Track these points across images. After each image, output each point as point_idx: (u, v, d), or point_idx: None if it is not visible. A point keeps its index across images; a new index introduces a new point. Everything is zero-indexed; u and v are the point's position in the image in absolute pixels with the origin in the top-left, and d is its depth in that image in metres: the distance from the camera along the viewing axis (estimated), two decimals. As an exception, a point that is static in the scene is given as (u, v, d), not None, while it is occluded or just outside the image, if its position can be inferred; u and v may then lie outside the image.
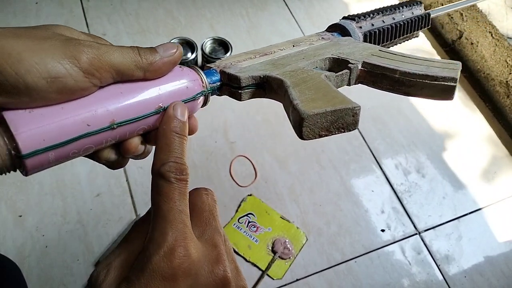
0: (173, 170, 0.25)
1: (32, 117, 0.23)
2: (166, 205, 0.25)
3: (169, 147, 0.26)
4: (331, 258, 0.92)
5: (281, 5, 1.34)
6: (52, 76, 0.23)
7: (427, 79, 0.30)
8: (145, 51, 0.26)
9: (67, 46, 0.24)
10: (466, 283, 0.93)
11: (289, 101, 0.27)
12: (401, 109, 1.17)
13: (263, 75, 0.30)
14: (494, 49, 1.20)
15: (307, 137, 0.26)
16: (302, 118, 0.25)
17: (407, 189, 1.04)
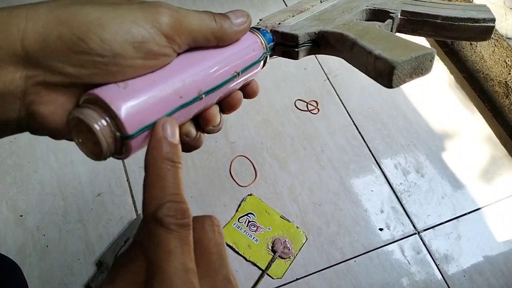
0: (173, 214, 0.20)
1: (128, 93, 0.22)
2: (168, 262, 0.20)
3: (163, 180, 0.21)
4: (330, 258, 0.92)
5: (281, 6, 1.34)
6: (137, 40, 0.21)
7: (469, 22, 0.31)
8: (219, 18, 0.25)
9: (146, 9, 0.22)
10: (465, 282, 0.94)
11: (366, 52, 0.26)
12: (401, 109, 1.17)
13: (318, 30, 0.29)
14: (493, 49, 1.21)
15: (396, 84, 0.26)
16: (393, 66, 0.25)
17: (406, 188, 1.04)
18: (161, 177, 0.21)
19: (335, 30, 0.29)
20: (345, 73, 1.22)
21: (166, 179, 0.21)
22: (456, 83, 1.26)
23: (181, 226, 0.21)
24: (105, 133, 0.21)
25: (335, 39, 0.29)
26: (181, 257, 0.20)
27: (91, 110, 0.21)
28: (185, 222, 0.21)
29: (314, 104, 1.14)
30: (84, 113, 0.21)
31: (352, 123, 1.13)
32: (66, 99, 0.22)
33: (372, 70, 0.27)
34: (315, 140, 1.08)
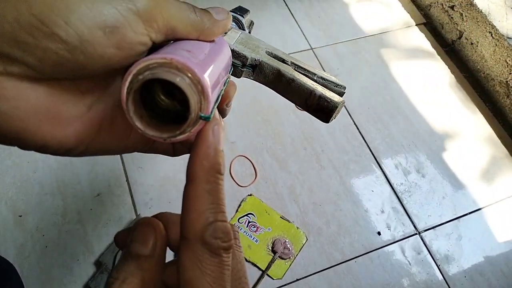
0: (220, 236, 0.19)
1: (203, 67, 0.19)
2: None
3: (211, 196, 0.19)
4: (331, 258, 0.92)
5: (281, 5, 1.34)
6: (110, 24, 0.18)
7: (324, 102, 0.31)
8: (200, 11, 0.23)
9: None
10: (466, 283, 0.93)
11: (308, 90, 0.29)
12: (401, 109, 1.17)
13: (258, 58, 0.30)
14: (494, 49, 1.20)
15: (332, 120, 0.29)
16: (336, 106, 0.28)
17: (407, 189, 1.04)
18: (208, 192, 0.19)
19: (271, 63, 0.30)
20: (345, 73, 1.21)
21: (213, 194, 0.19)
22: (457, 83, 1.25)
23: (226, 250, 0.19)
24: (196, 108, 0.19)
25: (271, 71, 0.30)
26: (222, 285, 0.19)
27: (181, 77, 0.18)
28: (230, 245, 0.19)
29: (314, 104, 1.13)
30: (177, 78, 0.18)
31: (353, 123, 1.12)
32: (36, 96, 0.19)
33: (314, 106, 0.29)
34: (315, 140, 1.08)
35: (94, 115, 0.22)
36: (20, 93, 0.18)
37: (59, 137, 0.21)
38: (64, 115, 0.20)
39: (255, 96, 1.12)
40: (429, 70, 1.27)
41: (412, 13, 1.40)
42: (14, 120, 0.18)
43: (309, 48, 1.25)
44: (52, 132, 0.20)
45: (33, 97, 0.19)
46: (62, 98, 0.20)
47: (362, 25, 1.33)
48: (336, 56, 1.24)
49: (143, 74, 0.18)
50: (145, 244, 0.20)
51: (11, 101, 0.18)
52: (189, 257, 0.19)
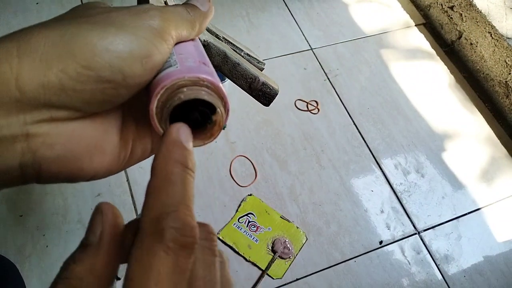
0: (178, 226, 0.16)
1: (215, 75, 0.22)
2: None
3: (172, 185, 0.17)
4: (330, 258, 0.92)
5: (281, 6, 1.34)
6: (144, 55, 0.19)
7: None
8: (191, 9, 0.23)
9: (139, 16, 0.20)
10: (465, 282, 0.93)
11: (253, 76, 0.31)
12: (401, 109, 1.17)
13: (207, 40, 0.30)
14: (493, 49, 1.21)
15: (270, 104, 0.32)
16: (277, 93, 0.31)
17: (406, 189, 1.04)
18: (171, 182, 0.18)
19: (217, 44, 0.31)
20: (345, 73, 1.22)
21: (176, 185, 0.17)
22: (456, 83, 1.26)
23: (183, 247, 0.16)
24: (221, 124, 0.22)
25: (217, 53, 0.31)
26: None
27: (212, 96, 0.21)
28: (189, 242, 0.16)
29: (314, 104, 1.14)
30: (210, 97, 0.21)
31: (352, 123, 1.12)
32: (85, 133, 0.20)
33: (257, 91, 0.32)
34: (315, 140, 1.08)
35: (126, 135, 0.24)
36: (71, 135, 0.19)
37: (106, 165, 0.22)
38: (107, 143, 0.22)
39: (255, 96, 1.12)
40: (428, 70, 1.27)
41: (411, 14, 1.40)
42: (71, 161, 0.20)
43: (309, 48, 1.25)
44: (101, 162, 0.22)
45: (84, 135, 0.20)
46: (104, 128, 0.22)
47: (361, 26, 1.33)
48: (336, 57, 1.25)
49: (182, 93, 0.20)
50: (93, 232, 0.19)
51: (66, 144, 0.19)
52: (137, 251, 0.16)
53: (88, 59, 0.18)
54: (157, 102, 0.20)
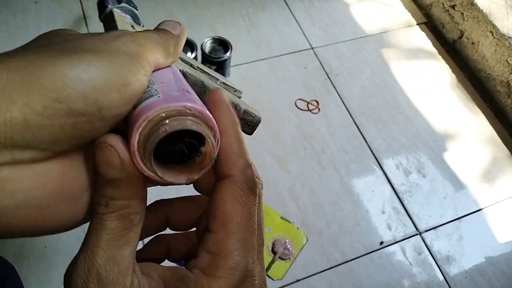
0: (259, 176, 0.21)
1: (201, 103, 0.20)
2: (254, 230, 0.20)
3: (243, 146, 0.21)
4: (331, 259, 0.92)
5: (282, 5, 1.33)
6: (122, 84, 0.17)
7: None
8: (164, 33, 0.22)
9: (109, 44, 0.18)
10: (467, 283, 0.93)
11: (234, 104, 0.30)
12: (402, 109, 1.16)
13: (183, 70, 0.29)
14: (495, 48, 1.20)
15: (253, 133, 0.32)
16: (259, 120, 0.31)
17: (407, 189, 1.03)
18: (240, 142, 0.21)
19: (193, 73, 0.29)
20: (346, 72, 1.21)
21: (243, 146, 0.21)
22: (458, 83, 1.25)
23: (261, 191, 0.21)
24: (212, 156, 0.20)
25: (194, 83, 0.29)
26: (256, 222, 0.21)
27: (201, 126, 0.19)
28: (262, 188, 0.21)
29: (315, 103, 1.13)
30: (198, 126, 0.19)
31: (353, 123, 1.12)
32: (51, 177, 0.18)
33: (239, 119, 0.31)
34: (315, 140, 1.07)
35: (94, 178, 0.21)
36: (36, 180, 0.17)
37: (77, 213, 0.20)
38: (77, 187, 0.20)
39: (255, 96, 1.12)
40: (430, 69, 1.27)
41: (413, 13, 1.39)
42: (34, 211, 0.17)
43: (309, 47, 1.24)
44: (71, 210, 0.20)
45: (50, 179, 0.18)
46: (74, 169, 0.19)
47: (362, 25, 1.33)
48: (336, 56, 1.24)
49: (166, 124, 0.18)
50: (111, 166, 0.18)
51: (30, 191, 0.17)
52: (230, 192, 0.20)
53: (57, 90, 0.16)
54: (139, 137, 0.18)
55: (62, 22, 1.20)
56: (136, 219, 0.19)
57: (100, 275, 0.18)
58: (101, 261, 0.18)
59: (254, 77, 1.16)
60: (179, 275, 0.20)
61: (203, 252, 0.20)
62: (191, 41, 1.09)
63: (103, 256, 0.18)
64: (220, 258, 0.20)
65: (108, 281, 0.18)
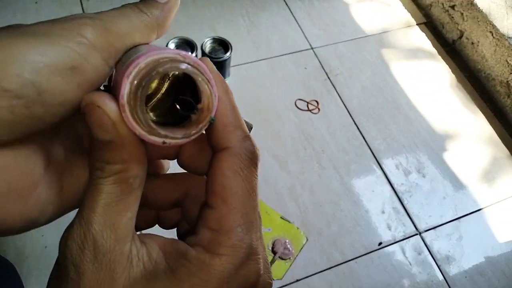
0: (257, 148, 0.21)
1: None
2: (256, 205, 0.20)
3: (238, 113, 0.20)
4: (331, 259, 0.92)
5: (282, 5, 1.34)
6: (67, 67, 0.16)
7: None
8: (146, 6, 0.19)
9: (64, 25, 0.17)
10: (466, 283, 0.93)
11: None
12: (402, 109, 1.16)
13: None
14: (494, 49, 1.20)
15: None
16: (251, 127, 0.30)
17: (407, 189, 1.04)
18: (238, 113, 0.20)
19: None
20: (346, 72, 1.21)
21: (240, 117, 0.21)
22: (457, 83, 1.25)
23: (259, 162, 0.20)
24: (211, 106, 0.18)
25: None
26: (257, 195, 0.20)
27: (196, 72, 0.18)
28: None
29: (315, 103, 1.13)
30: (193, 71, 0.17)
31: (353, 123, 1.12)
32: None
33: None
34: (315, 140, 1.07)
35: (54, 169, 0.20)
36: None
37: (23, 213, 0.18)
38: (23, 185, 0.18)
39: (255, 96, 1.12)
40: (429, 70, 1.27)
41: (412, 13, 1.39)
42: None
43: (309, 47, 1.25)
44: (14, 210, 0.18)
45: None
46: (20, 164, 0.17)
47: (362, 25, 1.33)
48: (336, 56, 1.24)
49: (160, 67, 0.17)
50: (103, 129, 0.17)
51: None
52: (230, 165, 0.19)
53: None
54: (130, 86, 0.16)
55: (62, 22, 1.20)
56: (136, 183, 0.18)
57: (97, 241, 0.17)
58: (97, 227, 0.17)
59: (254, 77, 1.16)
60: (180, 251, 0.19)
61: (204, 228, 0.19)
62: (191, 41, 1.09)
63: (99, 222, 0.17)
64: (222, 234, 0.19)
65: (105, 248, 0.17)
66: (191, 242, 0.19)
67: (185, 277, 0.18)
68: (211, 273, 0.18)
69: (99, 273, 0.17)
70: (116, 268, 0.17)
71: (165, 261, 0.18)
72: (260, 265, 0.19)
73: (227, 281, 0.18)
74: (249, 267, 0.19)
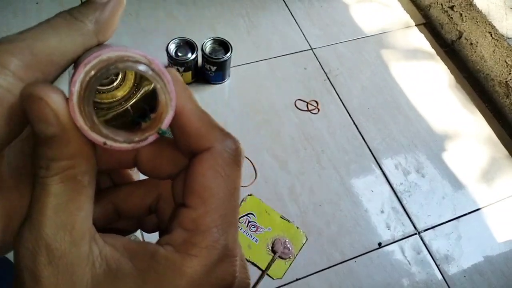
0: (240, 144, 0.20)
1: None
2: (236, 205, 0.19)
3: (210, 116, 0.20)
4: (331, 258, 0.92)
5: (281, 5, 1.34)
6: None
7: None
8: (80, 11, 0.18)
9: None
10: (465, 282, 0.93)
11: None
12: (401, 109, 1.17)
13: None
14: (493, 49, 1.20)
15: None
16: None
17: (406, 189, 1.04)
18: (207, 114, 0.20)
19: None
20: (346, 72, 1.21)
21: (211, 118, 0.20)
22: (456, 83, 1.26)
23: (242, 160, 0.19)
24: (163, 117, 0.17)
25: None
26: (239, 194, 0.19)
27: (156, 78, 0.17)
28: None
29: (314, 104, 1.14)
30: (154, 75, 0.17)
31: (353, 123, 1.12)
32: None
33: None
34: (315, 140, 1.08)
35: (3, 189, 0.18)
36: None
37: None
38: None
39: (255, 96, 1.12)
40: (428, 70, 1.27)
41: (411, 14, 1.40)
42: None
43: (309, 48, 1.25)
44: None
45: None
46: None
47: (362, 25, 1.33)
48: (336, 56, 1.24)
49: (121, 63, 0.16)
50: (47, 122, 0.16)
51: None
52: (210, 165, 0.18)
53: None
54: (84, 76, 0.16)
55: (63, 22, 1.20)
56: (85, 180, 0.17)
57: (50, 246, 0.16)
58: (49, 231, 0.16)
59: (254, 77, 1.16)
60: (147, 251, 0.18)
61: (178, 228, 0.18)
62: (192, 42, 1.09)
63: (51, 226, 0.16)
64: (196, 235, 0.18)
65: (60, 252, 0.16)
66: (162, 241, 0.18)
67: (152, 279, 0.17)
68: (181, 275, 0.17)
69: (57, 278, 0.16)
70: (75, 271, 0.16)
71: (131, 261, 0.17)
72: (235, 266, 0.18)
73: (199, 284, 0.17)
74: (223, 269, 0.18)
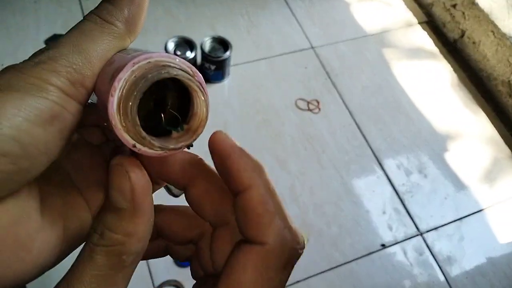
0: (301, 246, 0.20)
1: None
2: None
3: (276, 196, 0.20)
4: (332, 260, 0.91)
5: (282, 4, 1.33)
6: (46, 118, 0.15)
7: None
8: (108, 11, 0.17)
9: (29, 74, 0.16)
10: (468, 284, 0.92)
11: None
12: (403, 109, 1.16)
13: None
14: (496, 48, 1.19)
15: None
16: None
17: (408, 189, 1.03)
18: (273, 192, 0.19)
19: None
20: (347, 72, 1.20)
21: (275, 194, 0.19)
22: (459, 82, 1.24)
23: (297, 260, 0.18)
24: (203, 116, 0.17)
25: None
26: None
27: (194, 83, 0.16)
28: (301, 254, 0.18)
29: (315, 103, 1.13)
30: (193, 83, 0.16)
31: (354, 122, 1.11)
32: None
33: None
34: (316, 140, 1.07)
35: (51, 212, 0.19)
36: None
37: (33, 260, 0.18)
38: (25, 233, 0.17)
39: (255, 96, 1.11)
40: (431, 69, 1.26)
41: (413, 12, 1.39)
42: None
43: (310, 47, 1.24)
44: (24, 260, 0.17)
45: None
46: (16, 215, 0.17)
47: (363, 24, 1.32)
48: (337, 55, 1.23)
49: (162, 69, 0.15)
50: (122, 194, 0.17)
51: None
52: (255, 263, 0.17)
53: None
54: (124, 83, 0.15)
55: (62, 22, 1.19)
56: (129, 260, 0.17)
57: None
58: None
59: (254, 76, 1.15)
60: None
61: None
62: (191, 41, 1.08)
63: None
64: None
65: None
66: None
67: None
68: None
69: None
70: None
71: None
72: None
73: None
74: None
